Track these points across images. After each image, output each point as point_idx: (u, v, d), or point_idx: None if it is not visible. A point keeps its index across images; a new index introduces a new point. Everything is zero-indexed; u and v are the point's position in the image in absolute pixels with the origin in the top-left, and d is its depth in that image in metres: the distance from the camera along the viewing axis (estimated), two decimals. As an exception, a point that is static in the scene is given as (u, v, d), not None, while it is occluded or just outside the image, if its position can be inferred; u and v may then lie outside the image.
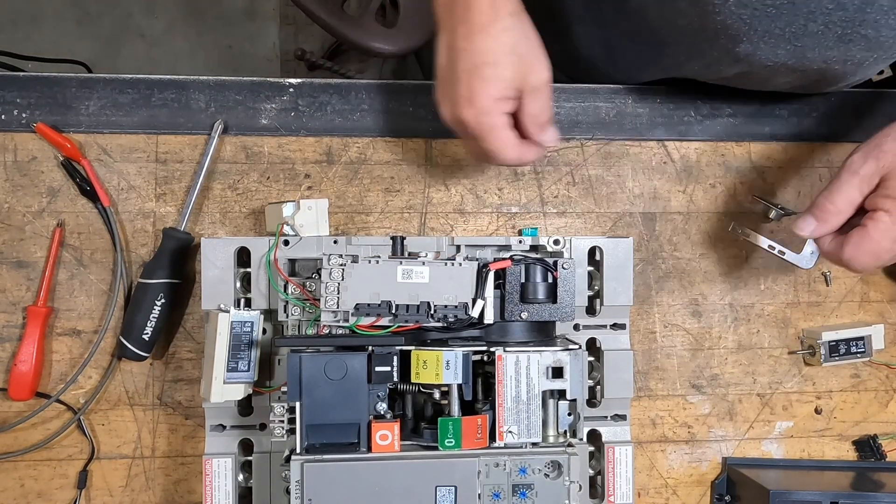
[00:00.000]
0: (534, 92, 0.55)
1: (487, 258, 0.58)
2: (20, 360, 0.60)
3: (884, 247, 0.53)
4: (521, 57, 0.54)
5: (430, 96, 0.67)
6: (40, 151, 0.63)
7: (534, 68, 0.55)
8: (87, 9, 1.67)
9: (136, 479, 0.63)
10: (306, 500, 0.50)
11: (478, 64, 0.53)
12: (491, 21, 0.53)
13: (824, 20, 0.54)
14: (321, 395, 0.52)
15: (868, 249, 0.54)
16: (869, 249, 0.54)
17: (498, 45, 0.54)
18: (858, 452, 0.70)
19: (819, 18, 0.54)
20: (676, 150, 0.69)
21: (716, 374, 0.68)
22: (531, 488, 0.52)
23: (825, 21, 0.54)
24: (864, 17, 0.54)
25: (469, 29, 0.54)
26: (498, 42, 0.54)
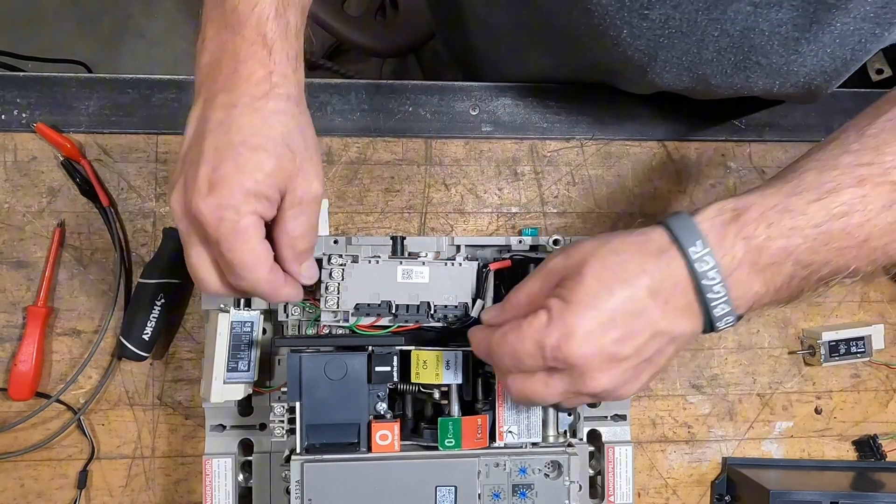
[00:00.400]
0: (299, 205, 0.44)
1: (487, 258, 0.58)
2: (20, 360, 0.60)
3: (527, 349, 0.42)
4: (293, 153, 0.43)
5: (430, 96, 0.68)
6: (40, 151, 0.63)
7: (305, 174, 0.44)
8: (87, 9, 1.67)
9: (136, 479, 0.63)
10: (306, 500, 0.50)
11: (234, 142, 0.41)
12: (262, 95, 0.42)
13: (715, 47, 0.54)
14: (321, 395, 0.52)
15: (511, 344, 0.42)
16: (512, 347, 0.42)
17: (265, 127, 0.42)
18: (858, 452, 0.70)
19: (710, 46, 0.54)
20: (676, 150, 0.69)
21: (716, 374, 0.68)
22: (531, 488, 0.52)
23: (716, 48, 0.54)
24: (750, 43, 0.53)
25: (231, 99, 0.42)
26: (266, 123, 0.42)
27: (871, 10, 0.50)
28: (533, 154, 0.68)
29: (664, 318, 0.41)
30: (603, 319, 0.41)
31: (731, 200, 0.42)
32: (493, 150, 0.67)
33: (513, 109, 0.68)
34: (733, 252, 0.40)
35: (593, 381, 0.42)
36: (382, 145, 0.67)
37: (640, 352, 0.42)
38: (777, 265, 0.41)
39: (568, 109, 0.69)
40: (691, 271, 0.40)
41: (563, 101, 0.69)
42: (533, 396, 0.44)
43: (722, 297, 0.40)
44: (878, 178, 0.40)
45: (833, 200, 0.40)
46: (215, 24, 0.43)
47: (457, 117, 0.68)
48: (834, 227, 0.40)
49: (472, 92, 0.68)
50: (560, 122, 0.68)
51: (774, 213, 0.40)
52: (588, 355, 0.41)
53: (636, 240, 0.42)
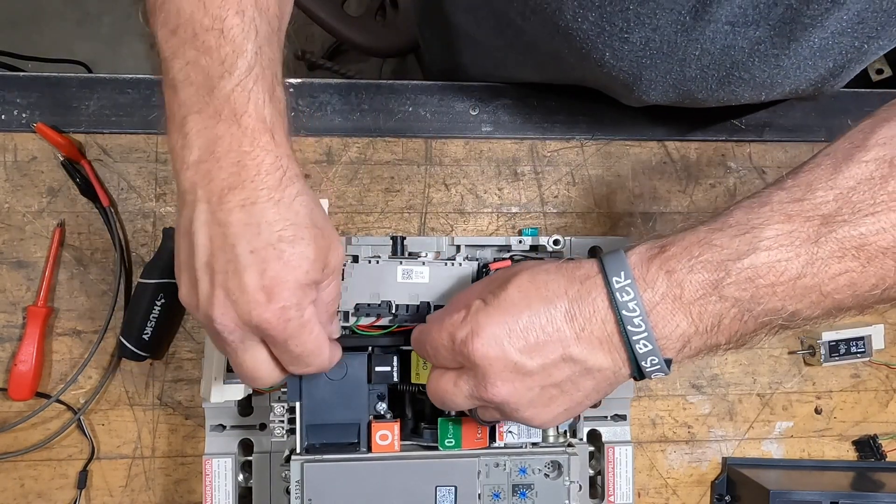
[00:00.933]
0: (332, 275, 0.44)
1: (487, 258, 0.58)
2: (20, 360, 0.60)
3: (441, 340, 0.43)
4: (321, 229, 0.42)
5: (430, 96, 0.68)
6: (40, 151, 0.63)
7: (334, 245, 0.44)
8: (87, 9, 1.67)
9: (136, 479, 0.63)
10: (306, 500, 0.50)
11: (271, 241, 0.39)
12: (278, 184, 0.40)
13: (697, 65, 0.54)
14: (321, 395, 0.52)
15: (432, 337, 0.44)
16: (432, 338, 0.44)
17: (293, 215, 0.40)
18: (858, 452, 0.70)
19: (692, 64, 0.54)
20: (676, 150, 0.69)
21: (716, 374, 0.68)
22: (531, 488, 0.52)
23: (699, 66, 0.54)
24: (731, 60, 0.53)
25: (248, 195, 0.39)
26: (292, 211, 0.40)
27: (848, 25, 0.50)
28: (533, 154, 0.68)
29: (578, 344, 0.41)
30: (513, 327, 0.41)
31: (661, 238, 0.41)
32: (493, 150, 0.67)
33: (513, 109, 0.68)
34: (655, 286, 0.39)
35: (493, 387, 0.41)
36: (382, 145, 0.67)
37: (548, 372, 0.41)
38: (702, 301, 0.39)
39: (568, 109, 0.69)
40: (612, 302, 0.40)
41: (563, 101, 0.69)
42: (443, 395, 0.44)
43: (643, 333, 0.39)
44: (807, 213, 0.38)
45: (758, 235, 0.38)
46: (201, 117, 0.40)
47: (457, 117, 0.68)
48: (759, 262, 0.38)
49: (472, 92, 0.68)
50: (560, 122, 0.68)
51: (696, 246, 0.39)
52: (490, 356, 0.41)
53: (568, 265, 0.43)
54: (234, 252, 0.39)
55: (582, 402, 0.44)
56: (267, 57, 0.41)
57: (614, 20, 0.51)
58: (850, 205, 0.38)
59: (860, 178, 0.39)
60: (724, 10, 0.50)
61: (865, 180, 0.38)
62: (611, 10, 0.50)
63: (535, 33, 0.58)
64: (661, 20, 0.51)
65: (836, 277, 0.39)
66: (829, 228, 0.38)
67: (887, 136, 0.39)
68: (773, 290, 0.39)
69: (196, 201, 0.40)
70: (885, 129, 0.40)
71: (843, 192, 0.38)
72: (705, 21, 0.51)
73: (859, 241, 0.38)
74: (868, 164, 0.39)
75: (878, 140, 0.39)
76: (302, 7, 1.04)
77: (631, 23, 0.51)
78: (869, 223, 0.38)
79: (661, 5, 0.49)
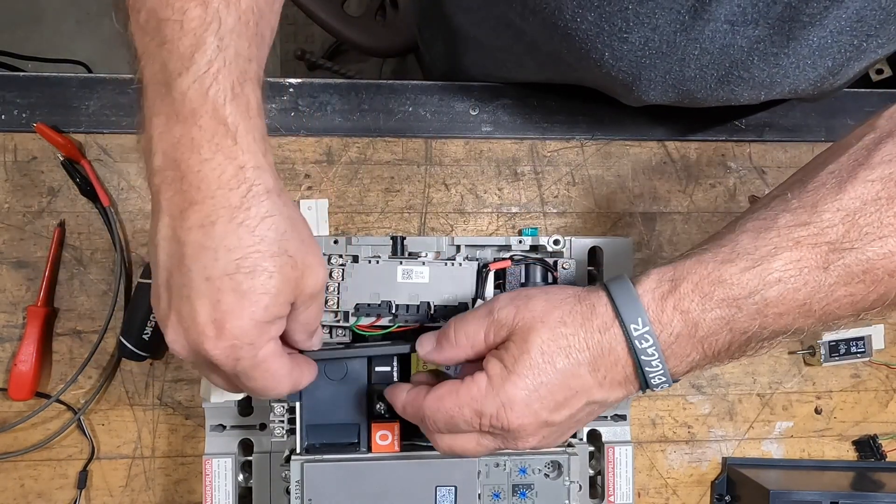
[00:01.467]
0: (309, 299, 0.41)
1: (487, 258, 0.58)
2: (20, 360, 0.60)
3: (464, 415, 0.42)
4: (293, 257, 0.38)
5: (430, 96, 0.68)
6: (40, 151, 0.63)
7: (310, 270, 0.39)
8: (87, 9, 1.67)
9: (136, 479, 0.63)
10: (306, 500, 0.50)
11: (227, 270, 0.36)
12: (240, 202, 0.36)
13: (697, 64, 0.54)
14: (321, 395, 0.52)
15: (448, 408, 0.42)
16: (449, 409, 0.42)
17: (256, 241, 0.36)
18: (858, 452, 0.70)
19: (691, 64, 0.54)
20: (676, 150, 0.69)
21: (716, 374, 0.68)
22: (531, 488, 0.52)
23: (698, 65, 0.54)
24: (730, 59, 0.53)
25: (206, 213, 0.36)
26: (256, 236, 0.36)
27: (847, 24, 0.50)
28: (533, 154, 0.68)
29: (601, 390, 0.42)
30: (542, 393, 0.41)
31: (670, 268, 0.41)
32: (493, 150, 0.67)
33: (513, 109, 0.68)
34: (671, 328, 0.40)
35: (525, 442, 0.43)
36: (382, 145, 0.67)
37: (574, 417, 0.43)
38: (714, 335, 0.40)
39: (568, 109, 0.69)
40: (631, 349, 0.41)
41: (563, 101, 0.69)
42: (463, 452, 0.45)
43: (659, 370, 0.41)
44: (813, 240, 0.39)
45: (767, 268, 0.39)
46: (162, 117, 0.37)
47: (457, 117, 0.68)
48: (769, 295, 0.39)
49: (472, 92, 0.68)
50: (560, 122, 0.68)
51: (708, 283, 0.40)
52: (524, 425, 0.42)
53: (582, 311, 0.42)
54: (189, 276, 0.37)
55: (588, 421, 0.46)
56: (233, 51, 0.37)
57: (613, 20, 0.51)
58: (857, 228, 0.38)
59: (866, 198, 0.39)
60: (723, 8, 0.50)
61: (872, 201, 0.39)
62: (610, 10, 0.50)
63: (535, 33, 0.58)
64: (660, 19, 0.51)
65: (841, 299, 0.40)
66: (838, 255, 0.38)
67: (892, 154, 0.39)
68: (780, 317, 0.40)
69: (160, 212, 0.38)
70: (890, 146, 0.40)
71: (849, 214, 0.39)
72: (704, 20, 0.51)
73: (867, 265, 0.38)
74: (874, 184, 0.39)
75: (882, 157, 0.39)
76: (302, 7, 1.03)
77: (630, 22, 0.51)
78: (876, 247, 0.38)
79: (660, 5, 0.49)
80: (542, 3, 0.52)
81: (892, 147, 0.40)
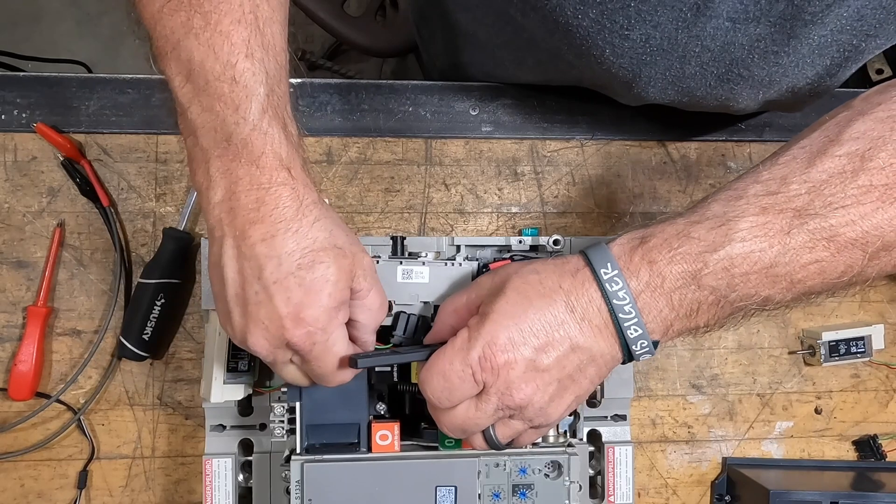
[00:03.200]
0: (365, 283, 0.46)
1: (487, 258, 0.58)
2: (20, 360, 0.60)
3: (455, 369, 0.43)
4: (343, 248, 0.44)
5: (430, 96, 0.68)
6: (40, 151, 0.63)
7: (358, 256, 0.45)
8: (87, 9, 1.67)
9: (136, 479, 0.63)
10: (306, 500, 0.50)
11: (291, 270, 0.42)
12: (295, 215, 0.42)
13: (697, 62, 0.55)
14: (321, 395, 0.52)
15: (439, 368, 0.44)
16: (439, 368, 0.44)
17: (311, 241, 0.43)
18: (858, 452, 0.70)
19: (692, 61, 0.54)
20: (676, 150, 0.70)
21: (716, 374, 0.68)
22: (531, 488, 0.52)
23: (698, 63, 0.55)
24: (731, 57, 0.54)
25: (267, 229, 0.42)
26: (310, 238, 0.43)
27: (847, 23, 0.51)
28: (533, 154, 0.68)
29: (582, 333, 0.43)
30: (523, 327, 0.43)
31: (641, 229, 0.44)
32: (493, 150, 0.68)
33: (513, 109, 0.68)
34: (639, 275, 0.42)
35: (519, 391, 0.43)
36: (382, 145, 0.67)
37: (562, 364, 0.43)
38: (681, 289, 0.42)
39: (568, 109, 0.69)
40: (603, 291, 0.42)
41: (563, 101, 0.69)
42: (465, 424, 0.45)
43: (633, 319, 0.42)
44: (781, 206, 0.40)
45: (733, 227, 0.41)
46: (223, 161, 0.42)
47: (457, 117, 0.68)
48: (734, 253, 0.40)
49: (472, 92, 0.68)
50: (560, 122, 0.68)
51: (675, 238, 0.42)
52: (511, 361, 0.42)
53: (555, 262, 0.45)
54: (261, 284, 0.42)
55: (588, 389, 0.46)
56: (277, 96, 0.43)
57: (615, 17, 0.51)
58: (822, 198, 0.40)
59: (833, 171, 0.40)
60: (725, 5, 0.50)
61: (837, 174, 0.40)
62: (612, 6, 0.50)
63: (535, 30, 0.58)
64: (661, 17, 0.51)
65: (807, 266, 0.41)
66: (802, 220, 0.40)
67: (861, 131, 0.41)
68: (747, 279, 0.41)
69: (223, 237, 0.43)
70: (859, 124, 0.41)
71: (815, 185, 0.40)
72: (706, 17, 0.51)
73: (830, 232, 0.40)
74: (841, 159, 0.41)
75: (851, 134, 0.41)
76: (302, 7, 1.04)
77: (632, 20, 0.51)
78: (839, 215, 0.40)
79: (662, 2, 0.49)
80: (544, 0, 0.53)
81: (862, 125, 0.41)
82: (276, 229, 0.42)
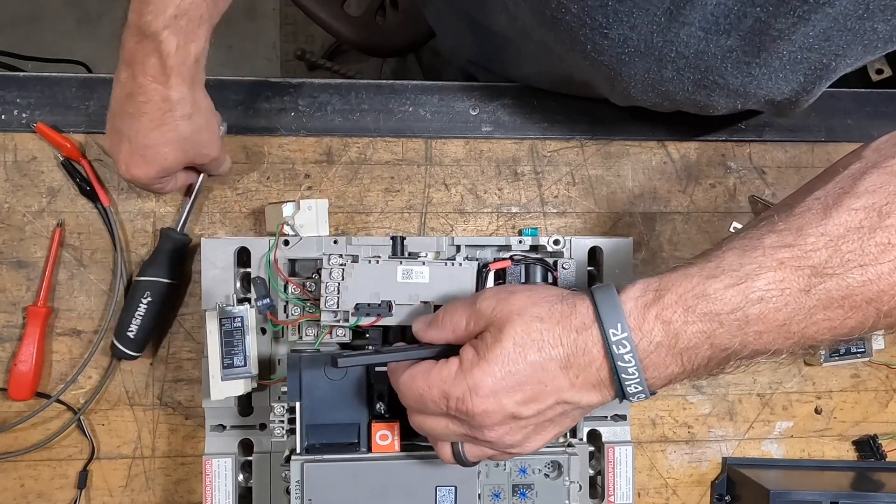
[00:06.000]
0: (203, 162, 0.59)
1: (487, 258, 0.58)
2: (20, 360, 0.60)
3: (432, 396, 0.43)
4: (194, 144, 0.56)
5: (430, 96, 0.68)
6: (40, 151, 0.63)
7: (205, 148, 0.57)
8: (87, 9, 1.67)
9: (136, 479, 0.63)
10: (306, 500, 0.50)
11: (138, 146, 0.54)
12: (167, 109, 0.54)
13: (673, 67, 0.55)
14: (321, 395, 0.52)
15: (419, 387, 0.44)
16: (419, 387, 0.44)
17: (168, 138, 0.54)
18: (858, 452, 0.70)
19: (669, 65, 0.55)
20: (676, 150, 0.69)
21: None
22: (531, 488, 0.52)
23: (675, 68, 0.55)
24: (705, 64, 0.54)
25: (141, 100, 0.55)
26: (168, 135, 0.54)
27: (815, 41, 0.51)
28: (533, 154, 0.68)
29: (572, 389, 0.43)
30: (510, 382, 0.42)
31: (656, 280, 0.42)
32: (493, 150, 0.68)
33: (513, 109, 0.68)
34: (651, 336, 0.41)
35: (491, 431, 0.43)
36: (382, 145, 0.67)
37: (542, 414, 0.43)
38: (694, 349, 0.41)
39: (568, 109, 0.69)
40: (608, 353, 0.41)
41: (563, 101, 0.69)
42: (433, 432, 0.45)
43: (635, 379, 0.42)
44: (797, 262, 0.40)
45: (750, 286, 0.40)
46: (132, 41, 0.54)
47: (457, 117, 0.68)
48: (751, 313, 0.40)
49: (472, 92, 0.68)
50: (560, 122, 0.68)
51: (692, 297, 0.41)
52: (488, 411, 0.42)
53: (562, 310, 0.43)
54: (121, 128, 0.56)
55: (569, 426, 0.46)
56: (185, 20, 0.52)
57: (595, 14, 0.51)
58: (840, 254, 0.40)
59: (849, 226, 0.40)
60: (696, 14, 0.50)
61: (854, 229, 0.40)
62: (591, 3, 0.50)
63: (526, 19, 0.58)
64: (637, 19, 0.51)
65: (819, 323, 0.41)
66: (819, 280, 0.40)
67: (876, 184, 0.41)
68: (759, 336, 0.41)
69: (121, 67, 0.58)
70: (875, 177, 0.41)
71: (832, 240, 0.40)
72: (679, 23, 0.51)
73: (846, 291, 0.40)
74: (857, 213, 0.40)
75: (867, 187, 0.41)
76: (302, 7, 1.04)
77: (610, 19, 0.51)
78: (856, 275, 0.39)
79: (637, 4, 0.50)
80: None
81: (877, 178, 0.41)
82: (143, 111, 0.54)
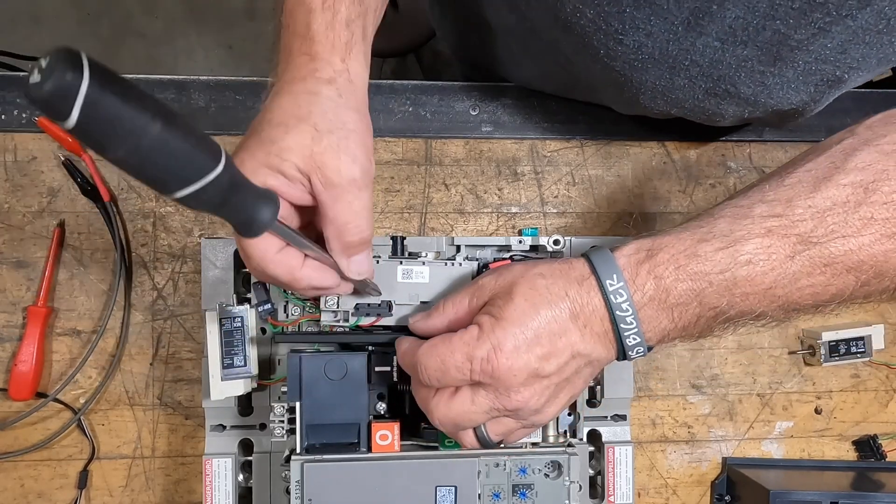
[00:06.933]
0: (333, 187, 0.42)
1: (487, 258, 0.58)
2: (20, 360, 0.60)
3: (456, 360, 0.43)
4: (319, 132, 0.42)
5: (430, 96, 0.68)
6: (40, 151, 0.63)
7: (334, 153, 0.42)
8: (87, 9, 1.67)
9: (136, 479, 0.63)
10: (306, 500, 0.50)
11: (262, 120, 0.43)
12: (298, 79, 0.43)
13: (686, 75, 0.55)
14: (321, 395, 0.52)
15: (440, 352, 0.44)
16: (441, 353, 0.44)
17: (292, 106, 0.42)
18: (858, 452, 0.70)
19: (681, 73, 0.55)
20: (676, 150, 0.70)
21: (716, 374, 0.68)
22: (531, 488, 0.52)
23: (687, 76, 0.56)
24: (719, 73, 0.55)
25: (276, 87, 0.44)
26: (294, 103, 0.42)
27: (832, 54, 0.52)
28: (533, 154, 0.68)
29: (583, 340, 0.44)
30: (529, 336, 0.43)
31: (648, 240, 0.44)
32: (493, 150, 0.68)
33: (513, 109, 0.68)
34: (644, 289, 0.43)
35: (517, 394, 0.44)
36: (382, 145, 0.67)
37: (561, 370, 0.44)
38: (684, 305, 0.43)
39: (568, 109, 0.69)
40: (607, 302, 0.43)
41: (563, 101, 0.69)
42: (460, 416, 0.45)
43: (633, 329, 0.43)
44: (784, 231, 0.42)
45: (739, 249, 0.42)
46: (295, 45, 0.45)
47: (457, 117, 0.68)
48: (738, 275, 0.42)
49: (472, 92, 0.68)
50: (560, 122, 0.68)
51: (683, 256, 0.43)
52: (514, 368, 0.43)
53: (560, 266, 0.45)
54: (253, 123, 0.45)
55: (581, 388, 0.48)
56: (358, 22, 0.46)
57: (610, 20, 0.51)
58: (825, 225, 0.42)
59: (836, 200, 0.42)
60: (715, 25, 0.51)
61: (841, 203, 0.42)
62: (608, 9, 0.51)
63: (537, 20, 0.58)
64: (654, 27, 0.52)
65: (803, 289, 0.43)
66: (804, 247, 0.42)
67: (866, 162, 0.42)
68: (746, 297, 0.43)
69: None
70: (865, 154, 0.43)
71: (819, 212, 0.42)
72: (696, 33, 0.52)
73: (829, 259, 0.42)
74: (845, 188, 0.42)
75: (857, 164, 0.43)
76: (302, 7, 1.03)
77: (626, 25, 0.51)
78: (839, 244, 0.42)
79: (655, 13, 0.50)
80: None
81: (867, 155, 0.43)
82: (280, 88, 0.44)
